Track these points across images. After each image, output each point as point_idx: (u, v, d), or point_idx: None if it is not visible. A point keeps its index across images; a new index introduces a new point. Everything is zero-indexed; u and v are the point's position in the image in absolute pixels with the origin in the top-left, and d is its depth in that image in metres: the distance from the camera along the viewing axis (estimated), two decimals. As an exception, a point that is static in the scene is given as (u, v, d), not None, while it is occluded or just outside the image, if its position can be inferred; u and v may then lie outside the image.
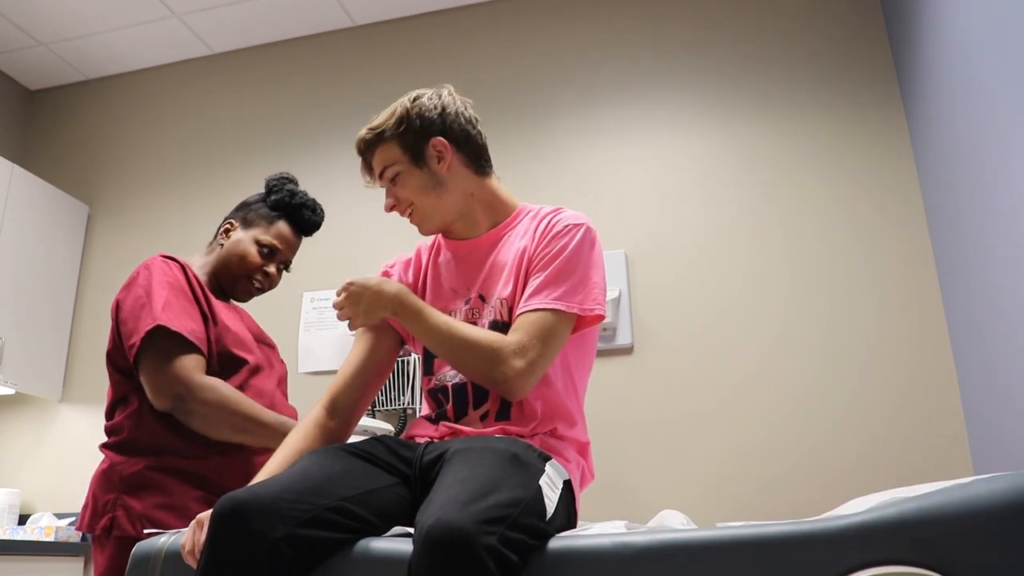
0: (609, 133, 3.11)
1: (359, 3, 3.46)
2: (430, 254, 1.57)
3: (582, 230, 1.42)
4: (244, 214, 1.91)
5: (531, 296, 1.37)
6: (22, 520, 3.18)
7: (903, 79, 2.78)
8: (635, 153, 3.05)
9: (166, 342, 1.62)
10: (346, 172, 3.38)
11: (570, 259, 1.38)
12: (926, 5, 2.44)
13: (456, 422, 1.40)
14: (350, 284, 1.41)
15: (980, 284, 2.21)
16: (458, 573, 0.91)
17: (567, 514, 1.24)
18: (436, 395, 1.45)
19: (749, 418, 2.63)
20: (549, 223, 1.45)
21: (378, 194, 3.33)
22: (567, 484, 1.27)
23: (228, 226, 1.91)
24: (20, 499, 3.23)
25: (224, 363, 1.73)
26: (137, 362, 1.64)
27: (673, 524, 1.25)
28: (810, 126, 2.89)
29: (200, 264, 1.90)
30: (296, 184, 1.97)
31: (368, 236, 3.24)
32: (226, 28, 3.60)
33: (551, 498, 1.14)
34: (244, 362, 1.77)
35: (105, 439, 1.75)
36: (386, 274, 1.57)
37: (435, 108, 1.48)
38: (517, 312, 1.37)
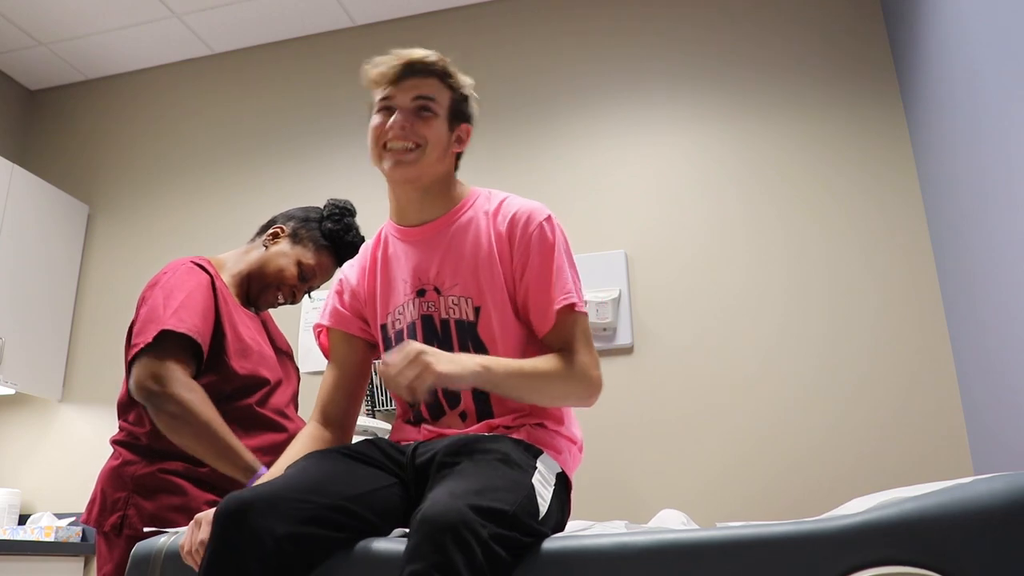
0: (609, 133, 3.11)
1: (359, 3, 3.46)
2: (377, 249, 1.52)
3: (555, 225, 1.42)
4: (296, 227, 1.89)
5: (551, 303, 1.36)
6: (22, 520, 3.18)
7: (903, 79, 2.78)
8: (635, 153, 3.05)
9: (165, 341, 1.62)
10: (346, 172, 3.38)
11: (559, 257, 1.39)
12: (926, 5, 2.44)
13: (434, 422, 1.39)
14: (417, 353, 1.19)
15: (980, 284, 2.21)
16: (449, 550, 0.92)
17: (561, 510, 1.25)
18: None
19: (749, 418, 2.63)
20: (517, 220, 1.40)
21: (380, 194, 3.34)
22: (560, 477, 1.27)
23: (278, 231, 1.89)
24: (20, 499, 3.23)
25: (248, 382, 1.73)
26: (134, 359, 1.64)
27: (673, 524, 1.26)
28: (810, 126, 2.89)
29: (237, 259, 1.89)
30: (354, 216, 1.95)
31: (368, 236, 3.24)
32: (226, 28, 3.60)
33: (544, 497, 1.15)
34: (266, 381, 1.77)
35: (115, 432, 1.76)
36: (340, 283, 1.53)
37: (477, 106, 1.51)
38: (549, 320, 1.36)
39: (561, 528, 1.24)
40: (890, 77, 2.85)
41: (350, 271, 1.55)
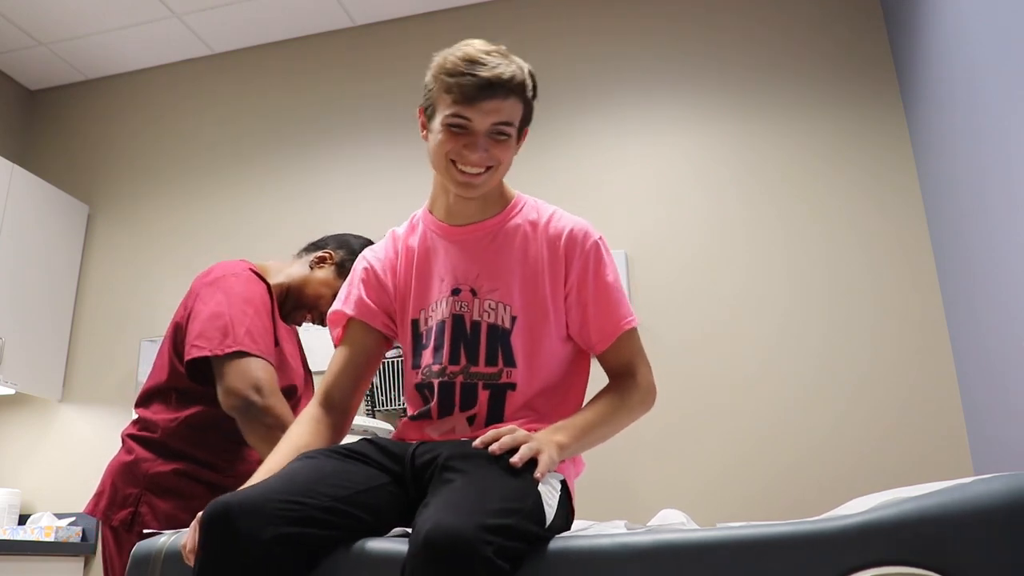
0: (610, 133, 3.11)
1: (359, 3, 3.46)
2: (409, 238, 1.48)
3: (606, 243, 1.44)
4: (344, 259, 1.90)
5: (611, 322, 1.39)
6: (22, 520, 3.18)
7: (903, 79, 2.78)
8: (636, 153, 3.05)
9: (248, 357, 1.62)
10: (346, 172, 3.38)
11: (615, 277, 1.43)
12: (926, 5, 2.44)
13: (439, 421, 1.37)
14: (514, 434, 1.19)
15: (980, 284, 2.21)
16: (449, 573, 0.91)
17: (565, 517, 1.25)
18: (423, 391, 1.42)
19: (749, 418, 2.63)
20: (574, 239, 1.41)
21: (380, 194, 3.36)
22: (563, 484, 1.27)
23: (327, 256, 1.90)
24: (20, 499, 3.23)
25: (282, 391, 1.74)
26: (209, 363, 1.63)
27: (673, 524, 1.25)
28: (810, 126, 2.89)
29: (279, 270, 1.90)
30: None
31: (370, 236, 3.24)
32: (226, 28, 3.60)
33: (551, 504, 1.14)
34: (295, 392, 1.79)
35: (127, 426, 1.75)
36: (366, 272, 1.49)
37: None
38: (608, 341, 1.40)
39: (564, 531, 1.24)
40: (890, 77, 2.85)
41: (376, 262, 1.49)
